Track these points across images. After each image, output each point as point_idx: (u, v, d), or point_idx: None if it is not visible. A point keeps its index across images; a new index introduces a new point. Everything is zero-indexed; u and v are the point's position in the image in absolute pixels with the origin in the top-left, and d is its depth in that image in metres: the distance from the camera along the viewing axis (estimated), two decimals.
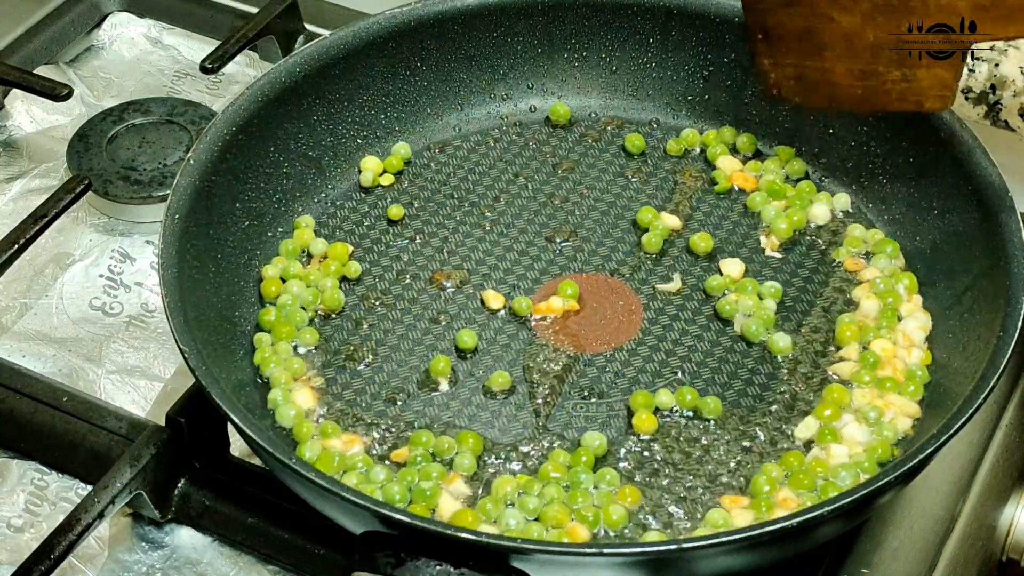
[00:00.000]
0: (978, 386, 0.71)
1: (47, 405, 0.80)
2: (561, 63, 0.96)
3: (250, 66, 1.09)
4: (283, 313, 0.83)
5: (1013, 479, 0.84)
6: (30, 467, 0.81)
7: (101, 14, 1.12)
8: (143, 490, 0.76)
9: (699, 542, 0.65)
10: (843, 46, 0.83)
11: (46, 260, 0.93)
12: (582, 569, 0.67)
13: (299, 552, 0.76)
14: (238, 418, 0.69)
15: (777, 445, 0.77)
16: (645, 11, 0.94)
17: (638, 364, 0.81)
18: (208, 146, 0.83)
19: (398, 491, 0.73)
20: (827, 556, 0.75)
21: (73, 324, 0.90)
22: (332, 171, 0.92)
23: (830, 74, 0.84)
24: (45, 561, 0.70)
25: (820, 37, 0.83)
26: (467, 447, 0.76)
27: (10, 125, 1.04)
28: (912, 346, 0.81)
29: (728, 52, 0.93)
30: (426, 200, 0.91)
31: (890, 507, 0.78)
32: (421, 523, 0.65)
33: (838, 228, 0.88)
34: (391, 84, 0.93)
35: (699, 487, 0.75)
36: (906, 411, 0.78)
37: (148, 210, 0.95)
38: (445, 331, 0.83)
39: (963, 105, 0.96)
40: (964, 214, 0.82)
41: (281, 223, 0.88)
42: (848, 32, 0.82)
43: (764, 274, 0.86)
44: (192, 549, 0.78)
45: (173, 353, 0.87)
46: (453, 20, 0.93)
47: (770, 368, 0.81)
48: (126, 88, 1.07)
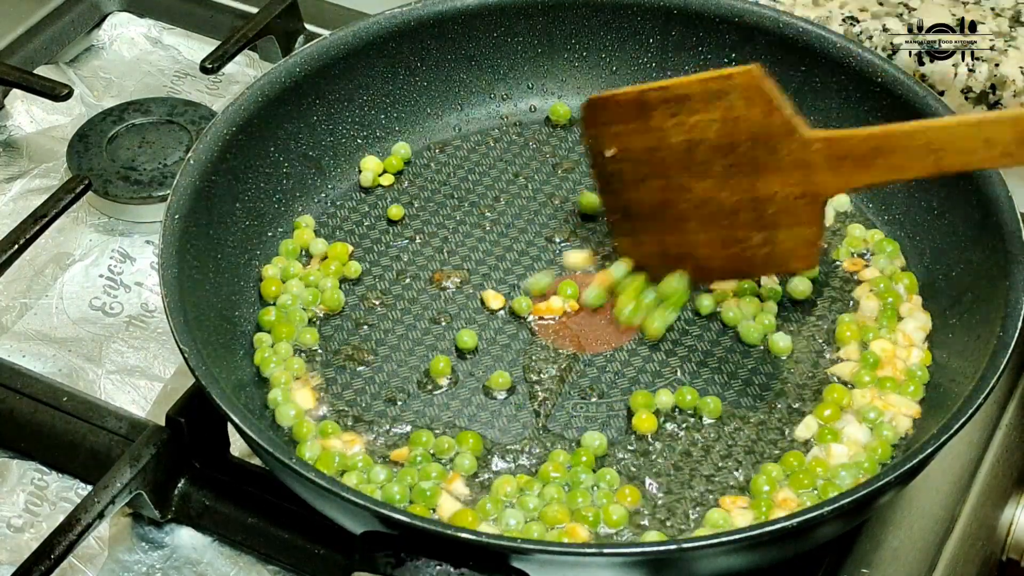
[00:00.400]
0: (978, 386, 0.71)
1: (47, 405, 0.80)
2: (561, 63, 0.96)
3: (250, 66, 1.09)
4: (283, 313, 0.83)
5: (1013, 479, 0.84)
6: (30, 467, 0.81)
7: (101, 14, 1.12)
8: (143, 490, 0.76)
9: (699, 542, 0.65)
10: (701, 215, 0.80)
11: (46, 260, 0.93)
12: (582, 569, 0.67)
13: (299, 552, 0.76)
14: (238, 418, 0.69)
15: (777, 445, 0.77)
16: (645, 11, 0.94)
17: (638, 364, 0.81)
18: (208, 146, 0.83)
19: (398, 491, 0.73)
20: (827, 556, 0.75)
21: (73, 324, 0.90)
22: (332, 171, 0.92)
23: (692, 247, 0.82)
24: (45, 561, 0.70)
25: (677, 208, 0.81)
26: (467, 447, 0.76)
27: (10, 125, 1.04)
28: (912, 346, 0.81)
29: (728, 52, 0.93)
30: (426, 200, 0.91)
31: (890, 507, 0.78)
32: (421, 523, 0.65)
33: (838, 228, 0.88)
34: (391, 84, 0.93)
35: (699, 487, 0.75)
36: (906, 411, 0.78)
37: (148, 210, 0.95)
38: (445, 331, 0.83)
39: (963, 105, 0.96)
40: (964, 214, 0.82)
41: (281, 223, 0.88)
42: (704, 199, 0.79)
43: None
44: (192, 549, 0.78)
45: (173, 353, 0.87)
46: (453, 20, 0.93)
47: (770, 368, 0.81)
48: (126, 88, 1.07)
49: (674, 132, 0.79)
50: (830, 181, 0.76)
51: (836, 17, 1.01)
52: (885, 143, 0.74)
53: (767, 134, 0.76)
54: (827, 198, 0.77)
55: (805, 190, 0.76)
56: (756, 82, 0.75)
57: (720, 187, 0.79)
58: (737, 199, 0.78)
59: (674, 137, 0.79)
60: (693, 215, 0.80)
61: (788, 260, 0.80)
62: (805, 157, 0.76)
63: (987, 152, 0.71)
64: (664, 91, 0.78)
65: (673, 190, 0.80)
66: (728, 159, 0.78)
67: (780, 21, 0.90)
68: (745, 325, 0.82)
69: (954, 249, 0.83)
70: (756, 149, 0.77)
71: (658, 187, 0.81)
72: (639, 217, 0.83)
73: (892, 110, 0.87)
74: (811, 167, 0.76)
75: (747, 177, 0.78)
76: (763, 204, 0.78)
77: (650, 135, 0.80)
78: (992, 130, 0.71)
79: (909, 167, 0.74)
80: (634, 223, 0.84)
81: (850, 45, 0.88)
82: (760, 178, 0.77)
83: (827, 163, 0.75)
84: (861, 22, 1.00)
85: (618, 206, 0.84)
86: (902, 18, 1.00)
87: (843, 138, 0.75)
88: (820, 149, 0.75)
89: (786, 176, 0.77)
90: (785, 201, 0.77)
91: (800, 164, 0.76)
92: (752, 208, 0.78)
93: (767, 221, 0.78)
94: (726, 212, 0.79)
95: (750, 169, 0.77)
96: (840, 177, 0.76)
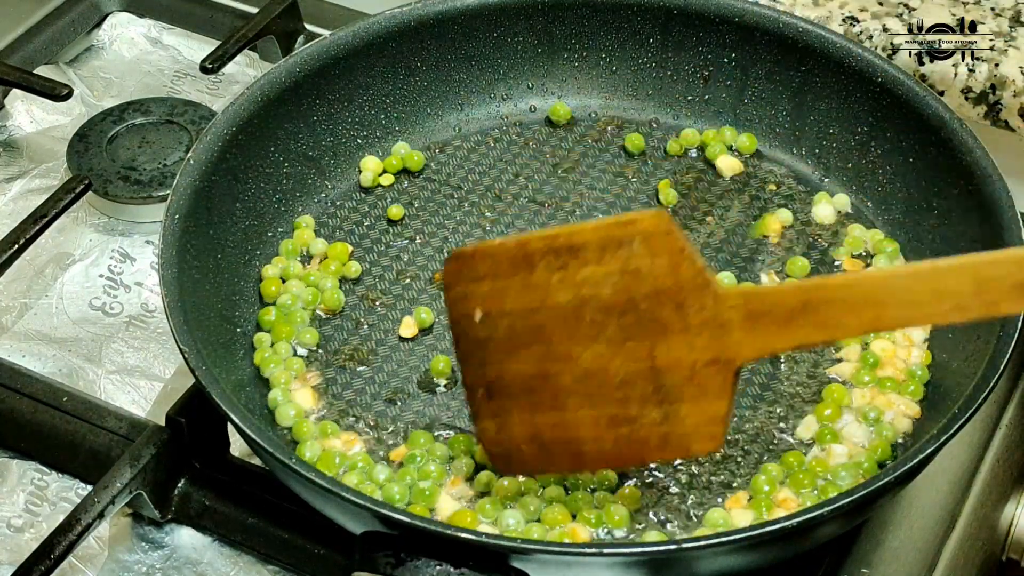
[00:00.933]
0: (978, 386, 0.71)
1: (47, 405, 0.80)
2: (561, 63, 0.96)
3: (250, 66, 1.09)
4: (283, 313, 0.83)
5: (1013, 479, 0.84)
6: (30, 467, 0.81)
7: (101, 14, 1.12)
8: (143, 490, 0.76)
9: (699, 542, 0.65)
10: (587, 389, 0.67)
11: (46, 260, 0.93)
12: (582, 569, 0.67)
13: (299, 552, 0.76)
14: (238, 418, 0.69)
15: (777, 445, 0.77)
16: (645, 11, 0.94)
17: None
18: (208, 146, 0.83)
19: (398, 491, 0.73)
20: (827, 556, 0.75)
21: (73, 324, 0.90)
22: (332, 171, 0.92)
23: (572, 429, 0.69)
24: (45, 561, 0.70)
25: (557, 382, 0.68)
26: (467, 447, 0.76)
27: (10, 125, 1.04)
28: (912, 346, 0.81)
29: (728, 52, 0.93)
30: (426, 200, 0.91)
31: (890, 507, 0.78)
32: (421, 523, 0.65)
33: (838, 228, 0.88)
34: (391, 84, 0.93)
35: (699, 487, 0.75)
36: (906, 411, 0.78)
37: (148, 210, 0.95)
38: (445, 331, 0.83)
39: (963, 105, 0.96)
40: (964, 214, 0.82)
41: (281, 223, 0.88)
42: (591, 369, 0.67)
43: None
44: (192, 549, 0.78)
45: (173, 353, 0.87)
46: (453, 20, 0.93)
47: (770, 368, 0.81)
48: (126, 88, 1.07)
49: (560, 289, 0.67)
50: (747, 344, 0.65)
51: (836, 17, 1.01)
52: (816, 296, 0.63)
53: (674, 289, 0.65)
54: (740, 366, 0.65)
55: (716, 355, 0.65)
56: (664, 227, 0.65)
57: (612, 354, 0.67)
58: (632, 368, 0.67)
59: (560, 295, 0.67)
60: (577, 389, 0.68)
61: (690, 442, 0.67)
62: (718, 315, 0.65)
63: (936, 305, 0.61)
64: (551, 240, 0.67)
65: (554, 360, 0.68)
66: (624, 319, 0.66)
67: (780, 21, 0.90)
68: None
69: (954, 249, 0.83)
70: (659, 307, 0.65)
71: (535, 356, 0.69)
72: (509, 395, 0.70)
73: (892, 110, 0.87)
74: (725, 327, 0.65)
75: (646, 341, 0.66)
76: (664, 373, 0.66)
77: (530, 293, 0.68)
78: (943, 280, 0.61)
79: (843, 325, 0.64)
80: (502, 402, 0.71)
81: (850, 45, 0.89)
82: (662, 342, 0.66)
83: (745, 322, 0.64)
84: (861, 22, 1.00)
85: (483, 382, 0.71)
86: (902, 18, 1.00)
87: (766, 293, 0.65)
88: (737, 306, 0.64)
89: (693, 339, 0.65)
90: (691, 369, 0.66)
91: (711, 324, 0.65)
92: (650, 378, 0.66)
93: (667, 394, 0.66)
94: (618, 384, 0.67)
95: (650, 331, 0.66)
96: (759, 338, 0.64)
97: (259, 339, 0.82)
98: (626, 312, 0.66)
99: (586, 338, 0.67)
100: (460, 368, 0.73)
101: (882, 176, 0.89)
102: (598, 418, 0.68)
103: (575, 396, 0.68)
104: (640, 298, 0.66)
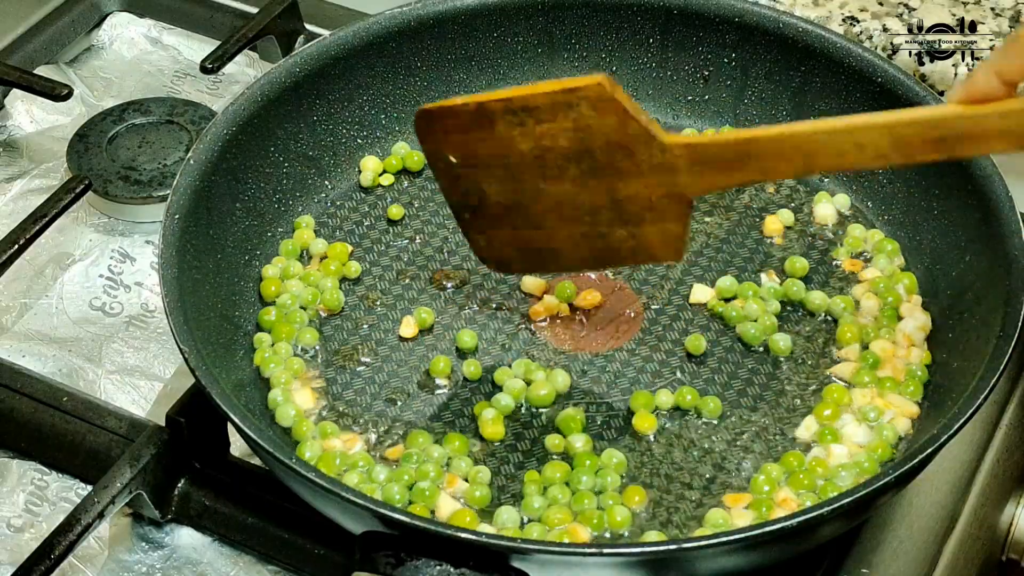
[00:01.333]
0: (978, 386, 0.71)
1: (47, 405, 0.80)
2: (561, 63, 0.96)
3: (250, 66, 1.09)
4: (283, 313, 0.83)
5: (1013, 479, 0.84)
6: (30, 467, 0.81)
7: (101, 14, 1.12)
8: (143, 490, 0.76)
9: (699, 542, 0.65)
10: (559, 215, 0.77)
11: (46, 260, 0.93)
12: (582, 569, 0.67)
13: (299, 552, 0.76)
14: (238, 418, 0.69)
15: (777, 445, 0.77)
16: (645, 11, 0.94)
17: (638, 364, 0.81)
18: (208, 146, 0.83)
19: (398, 491, 0.73)
20: (827, 556, 0.75)
21: (73, 324, 0.90)
22: (332, 171, 0.92)
23: (552, 241, 0.78)
24: (45, 561, 0.70)
25: (533, 208, 0.77)
26: (466, 448, 0.76)
27: (10, 125, 1.04)
28: (912, 346, 0.81)
29: (728, 52, 0.93)
30: (426, 200, 0.91)
31: (890, 507, 0.78)
32: (421, 523, 0.65)
33: (838, 228, 0.88)
34: (391, 84, 0.93)
35: (699, 487, 0.75)
36: (906, 411, 0.78)
37: (148, 210, 0.95)
38: (445, 331, 0.83)
39: None
40: (964, 214, 0.82)
41: (281, 223, 0.88)
42: (561, 200, 0.76)
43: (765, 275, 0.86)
44: (192, 549, 0.78)
45: (173, 353, 0.87)
46: (453, 20, 0.93)
47: (770, 368, 0.81)
48: (126, 88, 1.07)
49: (521, 141, 0.75)
50: (694, 183, 0.73)
51: (836, 17, 1.01)
52: (752, 148, 0.71)
53: (623, 142, 0.73)
54: (693, 198, 0.74)
55: (668, 191, 0.73)
56: (606, 93, 0.71)
57: (577, 190, 0.75)
58: (597, 201, 0.75)
59: (523, 145, 0.75)
60: (550, 215, 0.77)
61: (655, 253, 0.77)
62: (666, 163, 0.72)
63: (858, 155, 0.69)
64: (507, 102, 0.74)
65: (527, 193, 0.77)
66: (583, 165, 0.74)
67: (780, 21, 0.90)
68: (745, 325, 0.82)
69: (954, 249, 0.83)
70: (613, 155, 0.73)
71: (509, 191, 0.77)
72: (491, 217, 0.79)
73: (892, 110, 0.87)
74: (672, 171, 0.72)
75: (606, 179, 0.74)
76: (624, 204, 0.75)
77: (495, 143, 0.76)
78: (864, 135, 0.68)
79: (777, 169, 0.71)
80: (487, 221, 0.80)
81: (850, 45, 0.88)
82: (619, 181, 0.74)
83: (691, 168, 0.72)
84: (861, 22, 1.00)
85: (467, 207, 0.80)
86: (902, 18, 1.00)
87: (707, 145, 0.72)
88: (682, 155, 0.72)
89: (647, 179, 0.73)
90: (648, 201, 0.74)
91: (660, 169, 0.73)
92: (613, 208, 0.75)
93: (630, 218, 0.75)
94: (586, 210, 0.76)
95: (608, 173, 0.74)
96: (705, 179, 0.73)
97: (259, 339, 0.82)
98: (583, 159, 0.74)
99: (551, 179, 0.76)
100: (445, 197, 0.81)
101: (882, 176, 0.89)
102: (573, 234, 0.77)
103: (551, 219, 0.77)
104: (595, 149, 0.73)
